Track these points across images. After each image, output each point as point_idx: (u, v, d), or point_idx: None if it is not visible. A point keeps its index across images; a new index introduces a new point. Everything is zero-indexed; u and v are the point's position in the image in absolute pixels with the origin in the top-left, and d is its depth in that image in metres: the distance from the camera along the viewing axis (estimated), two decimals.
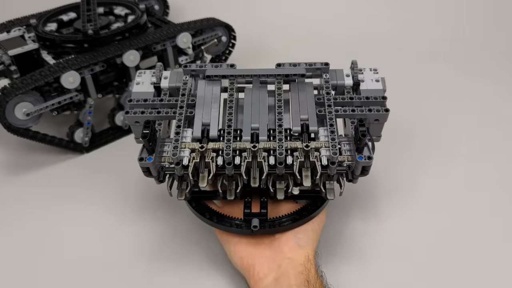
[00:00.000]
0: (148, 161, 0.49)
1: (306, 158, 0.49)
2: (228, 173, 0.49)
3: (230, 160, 0.48)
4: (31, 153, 0.79)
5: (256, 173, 0.49)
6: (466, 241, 0.60)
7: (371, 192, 0.68)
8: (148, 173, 0.51)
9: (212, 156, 0.49)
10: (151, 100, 0.55)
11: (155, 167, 0.50)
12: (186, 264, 0.58)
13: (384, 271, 0.57)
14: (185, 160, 0.49)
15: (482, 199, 0.67)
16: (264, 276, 0.49)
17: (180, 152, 0.49)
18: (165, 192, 0.68)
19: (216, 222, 0.53)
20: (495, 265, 0.57)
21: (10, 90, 0.67)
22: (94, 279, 0.57)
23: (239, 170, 0.49)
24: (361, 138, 0.48)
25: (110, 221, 0.65)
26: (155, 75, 0.59)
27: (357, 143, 0.49)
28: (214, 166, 0.49)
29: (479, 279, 0.56)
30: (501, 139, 0.79)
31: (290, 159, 0.49)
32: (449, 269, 0.57)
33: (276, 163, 0.48)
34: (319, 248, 0.55)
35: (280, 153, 0.48)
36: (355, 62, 0.58)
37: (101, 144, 0.81)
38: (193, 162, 0.49)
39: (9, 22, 0.90)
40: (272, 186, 0.51)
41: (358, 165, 0.49)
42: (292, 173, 0.49)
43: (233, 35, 0.94)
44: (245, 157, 0.49)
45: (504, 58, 1.06)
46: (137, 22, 0.83)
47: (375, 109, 0.53)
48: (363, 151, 0.49)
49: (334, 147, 0.48)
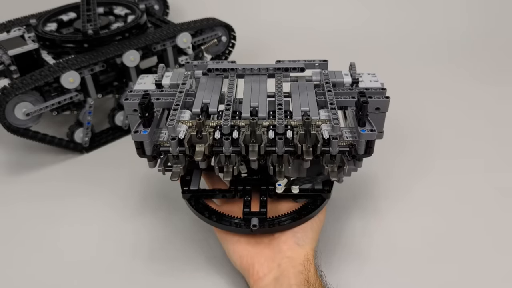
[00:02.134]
0: (143, 133, 0.47)
1: (307, 133, 0.47)
2: (225, 151, 0.47)
3: (228, 131, 0.47)
4: (31, 153, 0.79)
5: (254, 147, 0.47)
6: (465, 241, 0.60)
7: (370, 192, 0.68)
8: (141, 150, 0.48)
9: (210, 131, 0.48)
10: (151, 91, 0.55)
11: (150, 142, 0.48)
12: (186, 263, 0.58)
13: (383, 271, 0.56)
14: (181, 134, 0.47)
15: (482, 200, 0.67)
16: (264, 275, 0.49)
17: (176, 126, 0.48)
18: (165, 192, 0.69)
19: (215, 221, 0.53)
20: (495, 265, 0.57)
21: (10, 90, 0.67)
22: (94, 279, 0.57)
23: (237, 147, 0.47)
24: (362, 105, 0.46)
25: (110, 221, 0.65)
26: (158, 74, 0.59)
27: (359, 113, 0.47)
28: (212, 139, 0.47)
29: (478, 279, 0.55)
30: (501, 141, 0.79)
31: (290, 133, 0.47)
32: (448, 269, 0.56)
33: (275, 138, 0.47)
34: (318, 248, 0.55)
35: (280, 123, 0.47)
36: (353, 64, 0.58)
37: (101, 144, 0.82)
38: (190, 134, 0.47)
39: (9, 22, 0.90)
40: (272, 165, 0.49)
41: (361, 139, 0.47)
42: (293, 151, 0.47)
43: (233, 35, 0.94)
44: (243, 131, 0.47)
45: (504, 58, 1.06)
46: (137, 22, 0.83)
47: (376, 97, 0.53)
48: (366, 126, 0.47)
49: (335, 121, 0.47)
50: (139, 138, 0.47)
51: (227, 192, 0.55)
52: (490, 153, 0.76)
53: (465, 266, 0.57)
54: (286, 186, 0.52)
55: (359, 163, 0.50)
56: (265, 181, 0.55)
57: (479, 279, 0.55)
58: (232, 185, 0.55)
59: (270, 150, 0.48)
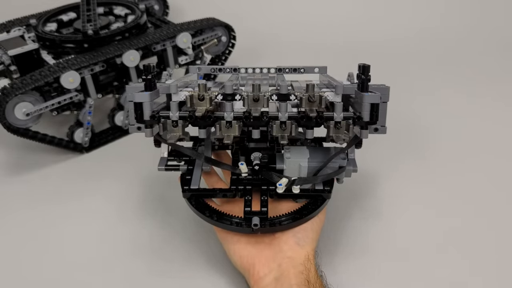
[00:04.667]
0: (145, 93, 0.46)
1: (311, 96, 0.47)
2: (226, 117, 0.47)
3: (231, 90, 0.46)
4: (31, 153, 0.79)
5: (257, 108, 0.46)
6: (465, 241, 0.60)
7: (370, 192, 0.68)
8: (140, 113, 0.47)
9: (212, 95, 0.48)
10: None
11: (150, 104, 0.46)
12: (185, 264, 0.58)
13: (384, 271, 0.56)
14: (182, 96, 0.46)
15: (481, 200, 0.67)
16: (264, 275, 0.49)
17: (178, 90, 0.47)
18: (165, 192, 0.69)
19: (216, 220, 0.53)
20: (495, 265, 0.57)
21: (10, 90, 0.67)
22: (94, 279, 0.57)
23: (239, 113, 0.47)
24: (364, 67, 0.45)
25: (110, 221, 0.65)
26: (162, 79, 0.59)
27: (361, 77, 0.46)
28: (214, 97, 0.47)
29: (479, 278, 0.55)
30: (502, 141, 0.79)
31: (293, 97, 0.47)
32: (449, 269, 0.56)
33: (279, 99, 0.46)
34: (318, 248, 0.55)
35: (283, 83, 0.46)
36: (351, 74, 0.58)
37: (101, 144, 0.81)
38: (191, 94, 0.46)
39: (9, 22, 0.90)
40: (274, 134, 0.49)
41: (365, 101, 0.46)
42: (296, 115, 0.47)
43: (233, 35, 0.94)
44: (246, 95, 0.47)
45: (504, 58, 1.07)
46: (137, 22, 0.83)
47: (376, 86, 0.52)
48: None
49: (338, 84, 0.47)
50: (140, 98, 0.46)
51: (228, 192, 0.55)
52: (492, 153, 0.76)
53: (466, 265, 0.57)
54: (286, 186, 0.52)
55: (365, 133, 0.47)
56: (266, 181, 0.55)
57: (479, 278, 0.55)
58: (232, 185, 0.55)
59: (273, 116, 0.47)
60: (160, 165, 0.58)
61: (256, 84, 0.47)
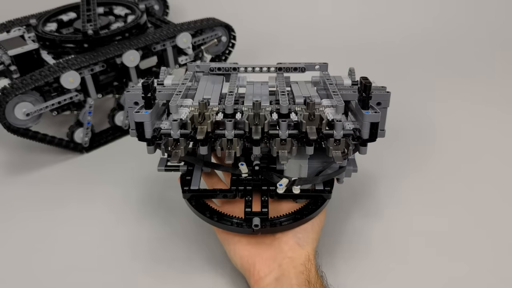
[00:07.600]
0: (145, 113, 0.46)
1: (311, 114, 0.46)
2: (227, 135, 0.47)
3: (231, 111, 0.46)
4: (31, 153, 0.79)
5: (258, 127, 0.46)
6: (466, 241, 0.60)
7: (370, 192, 0.68)
8: (141, 132, 0.47)
9: (212, 113, 0.47)
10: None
11: (151, 123, 0.47)
12: (186, 264, 0.58)
13: (384, 271, 0.57)
14: (183, 115, 0.46)
15: (482, 200, 0.67)
16: (265, 276, 0.49)
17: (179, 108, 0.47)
18: (165, 192, 0.69)
19: (216, 220, 0.53)
20: (495, 265, 0.57)
21: (10, 90, 0.67)
22: (94, 279, 0.57)
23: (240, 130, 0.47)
24: (366, 85, 0.45)
25: (110, 221, 0.65)
26: (160, 76, 0.59)
27: (363, 95, 0.46)
28: (214, 119, 0.47)
29: (479, 278, 0.55)
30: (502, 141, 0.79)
31: (294, 116, 0.47)
32: (449, 269, 0.57)
33: (279, 120, 0.46)
34: (319, 248, 0.55)
35: (284, 103, 0.46)
36: (352, 70, 0.58)
37: (101, 144, 0.81)
38: (192, 114, 0.46)
39: (9, 22, 0.90)
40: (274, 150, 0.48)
41: (365, 120, 0.46)
42: (297, 134, 0.47)
43: (233, 35, 0.94)
44: (246, 113, 0.47)
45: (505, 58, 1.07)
46: (137, 22, 0.83)
47: (377, 91, 0.53)
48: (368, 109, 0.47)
49: (339, 102, 0.47)
50: (140, 118, 0.46)
51: (228, 192, 0.55)
52: (492, 153, 0.76)
53: (466, 265, 0.57)
54: (287, 187, 0.52)
55: (364, 149, 0.49)
56: (266, 182, 0.55)
57: (480, 278, 0.55)
58: (233, 185, 0.55)
59: (274, 134, 0.47)
60: (160, 165, 0.58)
61: (256, 103, 0.46)
